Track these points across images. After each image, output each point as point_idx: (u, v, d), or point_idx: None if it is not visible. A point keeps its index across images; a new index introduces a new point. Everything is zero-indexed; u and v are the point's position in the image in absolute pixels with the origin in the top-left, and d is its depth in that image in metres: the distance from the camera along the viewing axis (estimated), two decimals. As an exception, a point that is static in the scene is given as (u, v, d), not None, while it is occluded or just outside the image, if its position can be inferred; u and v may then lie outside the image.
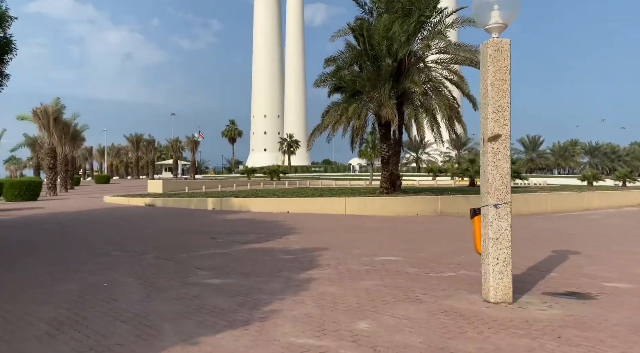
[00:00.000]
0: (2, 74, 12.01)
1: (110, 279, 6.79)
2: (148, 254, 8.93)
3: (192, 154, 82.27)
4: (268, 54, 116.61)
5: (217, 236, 11.50)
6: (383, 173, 20.63)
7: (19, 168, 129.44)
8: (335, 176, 67.76)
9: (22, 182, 27.95)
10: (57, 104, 36.12)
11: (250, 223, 14.67)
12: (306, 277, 6.81)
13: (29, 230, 13.02)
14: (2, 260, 8.43)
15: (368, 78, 19.13)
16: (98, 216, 17.62)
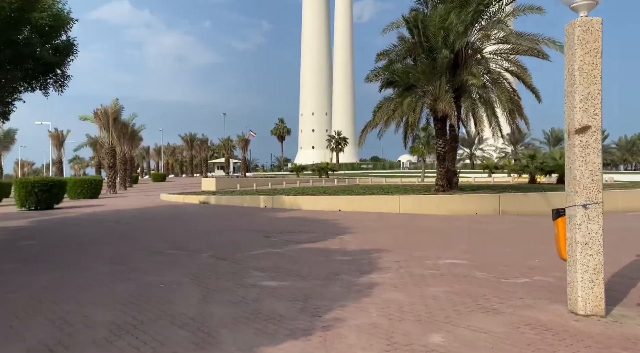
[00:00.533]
0: (64, 74, 12.36)
1: (166, 279, 6.68)
2: (203, 253, 8.83)
3: (243, 152, 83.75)
4: (316, 52, 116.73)
5: (271, 235, 11.31)
6: (439, 170, 19.85)
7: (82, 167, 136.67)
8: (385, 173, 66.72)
9: (85, 181, 29.20)
10: (116, 105, 37.55)
11: (303, 221, 14.43)
12: (367, 282, 6.41)
13: (90, 227, 13.37)
14: (64, 257, 8.57)
15: (422, 71, 18.41)
16: (154, 214, 17.97)
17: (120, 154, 42.54)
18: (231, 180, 44.57)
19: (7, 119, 12.15)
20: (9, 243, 10.41)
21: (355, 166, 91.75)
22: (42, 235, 11.73)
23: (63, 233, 12.12)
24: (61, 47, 11.78)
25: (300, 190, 27.49)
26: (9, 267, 7.68)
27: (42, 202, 20.04)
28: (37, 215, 17.81)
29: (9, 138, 44.85)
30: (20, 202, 20.01)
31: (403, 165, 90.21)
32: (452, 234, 11.69)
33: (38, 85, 12.11)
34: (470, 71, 17.75)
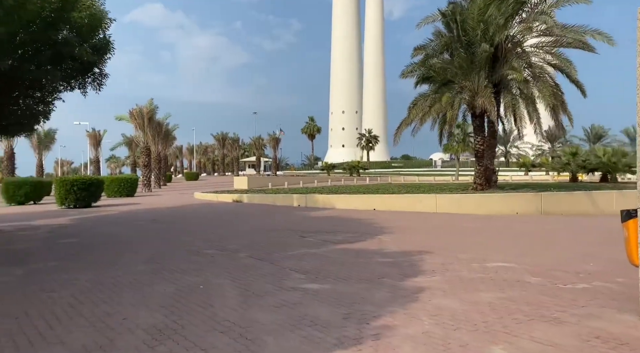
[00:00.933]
0: (102, 73, 12.45)
1: (205, 280, 6.52)
2: (240, 253, 8.67)
3: (274, 151, 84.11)
4: (346, 50, 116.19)
5: (307, 235, 11.08)
6: (477, 168, 19.22)
7: (118, 166, 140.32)
8: (417, 172, 65.80)
9: (121, 179, 29.78)
10: (150, 104, 38.19)
11: (338, 221, 14.16)
12: (413, 286, 6.09)
13: (127, 226, 13.46)
14: (103, 256, 8.57)
15: (460, 66, 17.84)
16: (189, 212, 18.05)
17: (155, 153, 43.28)
18: (263, 179, 44.73)
19: (48, 118, 12.35)
20: (51, 241, 10.54)
21: (386, 164, 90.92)
22: (82, 234, 11.86)
23: (101, 231, 12.22)
24: (99, 46, 11.85)
25: (333, 188, 27.24)
26: (50, 265, 7.70)
27: (80, 200, 20.46)
28: (76, 213, 18.16)
29: (50, 138, 46.25)
30: (60, 200, 20.48)
31: (435, 164, 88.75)
32: (495, 235, 11.19)
33: (77, 84, 12.24)
34: (511, 65, 17.08)
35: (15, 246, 9.85)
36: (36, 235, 11.62)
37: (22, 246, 9.88)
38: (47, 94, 11.97)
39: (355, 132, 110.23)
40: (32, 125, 12.05)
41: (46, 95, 12.06)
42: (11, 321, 4.80)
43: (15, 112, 11.42)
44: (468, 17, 17.32)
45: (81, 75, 12.01)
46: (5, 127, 11.30)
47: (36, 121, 12.06)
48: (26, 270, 7.35)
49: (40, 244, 10.11)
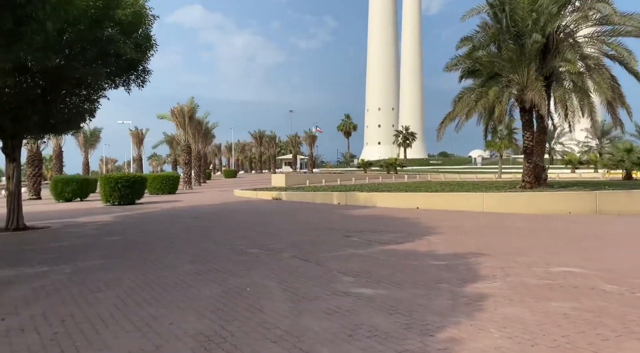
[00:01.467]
0: (145, 70, 12.46)
1: (252, 282, 6.26)
2: (285, 253, 8.40)
3: (310, 149, 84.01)
4: (383, 46, 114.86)
5: (351, 234, 10.72)
6: (526, 165, 18.34)
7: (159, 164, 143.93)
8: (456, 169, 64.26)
9: (163, 177, 30.26)
10: (191, 103, 38.70)
11: (381, 220, 13.72)
12: (474, 292, 5.63)
13: (170, 223, 13.47)
14: (148, 254, 8.48)
15: (509, 58, 17.03)
16: (230, 210, 18.01)
17: (195, 151, 43.90)
18: (300, 176, 44.65)
19: (94, 116, 12.47)
20: (96, 239, 10.60)
21: (423, 162, 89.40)
22: (126, 231, 11.92)
23: (145, 229, 12.25)
24: (142, 44, 11.86)
25: (372, 186, 26.75)
26: (95, 264, 7.65)
27: (124, 198, 20.81)
28: (120, 210, 18.44)
29: (95, 136, 47.69)
30: (105, 198, 20.90)
31: (475, 161, 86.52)
32: (552, 236, 10.50)
33: (121, 82, 12.31)
34: (564, 57, 16.15)
35: (63, 243, 9.94)
36: (82, 232, 11.75)
37: (68, 243, 9.96)
38: (92, 92, 12.09)
39: (391, 129, 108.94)
40: (78, 123, 12.21)
41: (92, 93, 12.18)
42: (58, 324, 4.66)
43: (63, 110, 11.57)
44: (517, 7, 16.48)
45: (125, 72, 12.06)
46: (54, 125, 11.47)
47: (82, 119, 12.20)
48: (73, 268, 7.31)
49: (86, 241, 10.16)
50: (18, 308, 5.22)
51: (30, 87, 10.69)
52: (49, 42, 8.81)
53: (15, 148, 11.67)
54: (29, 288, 6.04)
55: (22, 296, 5.69)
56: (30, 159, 27.43)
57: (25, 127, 10.80)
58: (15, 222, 11.81)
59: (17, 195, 11.81)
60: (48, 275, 6.79)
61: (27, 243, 9.90)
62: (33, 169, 27.51)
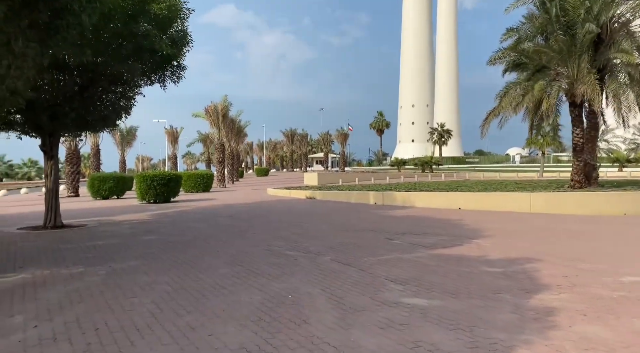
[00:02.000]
0: (180, 66, 12.26)
1: (293, 288, 5.85)
2: (325, 256, 7.96)
3: (342, 147, 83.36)
4: (417, 41, 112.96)
5: (392, 236, 10.19)
6: (575, 163, 17.32)
7: (193, 162, 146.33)
8: (494, 168, 62.40)
9: (197, 175, 30.36)
10: (225, 101, 38.81)
11: (422, 221, 13.11)
12: (540, 305, 5.04)
13: (205, 222, 13.26)
14: (184, 255, 8.20)
15: (559, 50, 16.07)
16: (265, 209, 17.73)
17: (228, 149, 44.07)
18: (332, 175, 44.21)
19: (129, 114, 12.36)
20: (132, 237, 10.45)
21: (459, 160, 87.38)
22: (161, 230, 11.75)
23: (181, 228, 12.06)
24: (177, 39, 11.65)
25: (409, 185, 26.04)
26: (130, 265, 7.41)
27: (160, 196, 20.85)
28: (156, 208, 18.44)
29: (131, 135, 48.50)
30: (140, 195, 21.00)
31: (513, 159, 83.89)
32: (612, 240, 9.70)
33: (156, 78, 12.14)
34: (620, 47, 15.12)
35: (98, 242, 9.81)
36: (118, 231, 11.64)
37: (104, 242, 9.82)
38: (128, 88, 11.96)
39: (425, 126, 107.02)
40: (114, 120, 12.12)
41: (127, 90, 12.05)
42: (91, 333, 4.36)
43: (99, 107, 11.48)
44: (569, -6, 15.51)
45: (160, 68, 11.89)
46: (90, 122, 11.39)
47: (118, 116, 12.10)
48: (108, 269, 7.09)
49: (121, 241, 10.01)
50: (51, 313, 4.97)
51: (67, 83, 10.63)
52: (85, 36, 8.64)
53: (53, 145, 11.67)
54: (63, 291, 5.81)
55: (56, 299, 5.46)
56: (68, 157, 27.96)
57: (63, 124, 10.75)
58: (53, 220, 11.81)
59: (54, 193, 11.81)
60: (83, 277, 6.57)
61: (64, 242, 9.82)
62: (71, 167, 28.04)
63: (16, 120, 11.14)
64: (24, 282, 6.28)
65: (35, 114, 10.34)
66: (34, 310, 5.05)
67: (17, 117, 11.21)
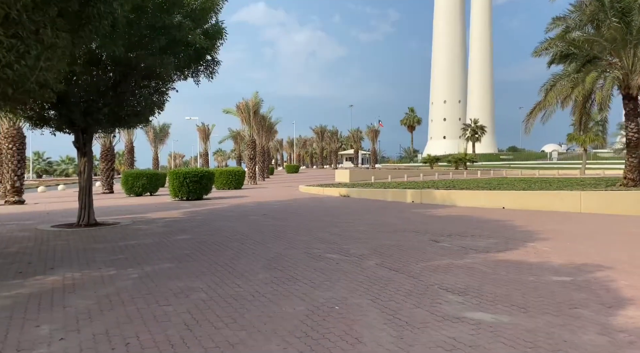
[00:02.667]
0: (214, 60, 11.87)
1: (339, 298, 5.30)
2: (369, 260, 7.38)
3: (373, 143, 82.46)
4: (449, 37, 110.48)
5: (438, 238, 9.52)
6: (629, 160, 16.17)
7: (224, 159, 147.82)
8: (531, 165, 60.34)
9: (229, 172, 30.16)
10: (256, 98, 38.58)
11: (468, 221, 12.36)
12: (630, 324, 4.34)
13: (239, 221, 12.87)
14: (219, 257, 7.77)
15: (612, 38, 14.95)
16: (299, 207, 17.25)
17: (259, 146, 43.91)
18: (364, 172, 43.49)
19: (162, 109, 12.06)
20: (165, 237, 10.12)
21: (493, 157, 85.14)
22: (195, 229, 11.40)
23: (215, 227, 11.69)
24: (210, 32, 11.25)
25: (446, 183, 25.14)
26: (164, 268, 7.01)
27: (192, 193, 20.67)
28: (189, 205, 18.23)
29: (164, 132, 49.04)
30: (173, 192, 20.87)
31: (550, 156, 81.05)
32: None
33: (190, 72, 11.79)
34: (683, 34, 13.89)
35: (131, 242, 9.50)
36: (151, 229, 11.36)
37: (136, 242, 9.51)
38: (161, 84, 11.65)
39: (457, 122, 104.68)
40: (147, 116, 11.82)
41: (160, 85, 11.74)
42: (121, 347, 3.92)
43: (132, 103, 11.20)
44: (624, -22, 14.39)
45: (194, 63, 11.51)
46: (123, 118, 11.12)
47: (151, 112, 11.79)
48: (140, 272, 6.70)
49: (155, 240, 9.68)
50: (79, 322, 4.57)
51: (100, 78, 10.36)
52: (117, 28, 8.30)
53: (87, 142, 11.46)
54: (94, 297, 5.43)
55: (85, 307, 5.07)
56: (103, 154, 28.24)
57: (96, 120, 10.49)
58: (87, 218, 11.62)
59: (88, 190, 11.63)
60: (114, 281, 6.19)
61: (96, 241, 9.56)
62: (106, 164, 28.31)
63: (50, 116, 10.97)
64: (53, 286, 5.95)
65: (68, 109, 10.11)
66: (62, 320, 4.66)
67: (51, 112, 11.05)
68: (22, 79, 5.80)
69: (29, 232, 10.86)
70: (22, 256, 7.96)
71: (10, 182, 19.49)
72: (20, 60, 5.56)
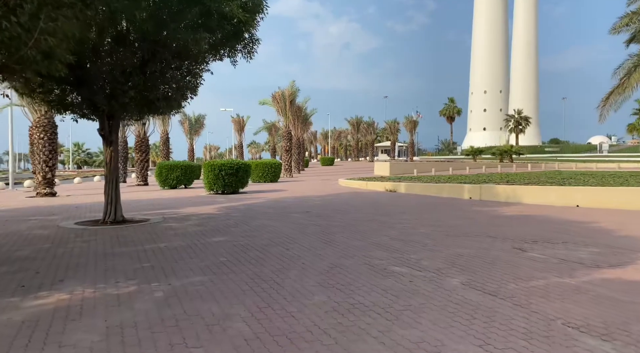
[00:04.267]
0: (252, 38, 10.48)
1: (432, 341, 3.79)
2: (450, 276, 5.82)
3: (411, 135, 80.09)
4: (490, 25, 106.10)
5: (522, 245, 7.84)
6: None
7: (258, 151, 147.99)
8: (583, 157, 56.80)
9: (265, 164, 28.91)
10: (292, 87, 37.25)
11: (545, 223, 10.57)
12: None
13: (280, 220, 11.50)
14: (262, 268, 6.38)
15: None
16: (343, 203, 15.76)
17: (295, 138, 42.64)
18: (405, 165, 41.60)
19: (196, 93, 10.76)
20: (198, 238, 8.84)
21: (537, 149, 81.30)
22: (232, 229, 10.10)
23: (253, 226, 10.36)
24: (249, 5, 9.82)
25: (502, 176, 23.15)
26: (195, 282, 5.66)
27: (228, 186, 19.50)
28: (224, 200, 17.04)
29: (199, 123, 48.41)
30: (208, 185, 19.76)
31: (600, 148, 76.56)
32: None
33: (226, 52, 10.43)
34: None
35: (160, 244, 8.25)
36: (182, 229, 10.12)
37: (166, 244, 8.26)
38: (194, 64, 10.33)
39: (499, 113, 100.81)
40: (179, 101, 10.52)
41: (194, 66, 10.43)
42: None
43: (162, 85, 9.92)
44: None
45: (231, 40, 10.13)
46: (152, 102, 9.85)
47: (183, 96, 10.49)
48: (167, 288, 5.38)
49: (186, 243, 8.40)
50: (76, 375, 3.23)
51: (126, 56, 9.12)
52: None
53: (112, 130, 10.30)
54: (102, 329, 4.11)
55: (88, 346, 3.74)
56: (137, 144, 27.50)
57: (122, 104, 9.26)
58: (113, 214, 10.49)
59: (114, 184, 10.49)
60: (133, 302, 4.87)
61: (120, 243, 8.36)
62: (140, 155, 27.57)
63: (73, 100, 9.84)
64: (56, 309, 4.67)
65: (90, 91, 8.93)
66: (52, 370, 3.34)
67: (73, 96, 9.92)
68: (15, 42, 4.48)
69: (50, 230, 9.79)
70: (32, 262, 6.79)
71: (42, 173, 18.80)
72: (10, 15, 4.25)
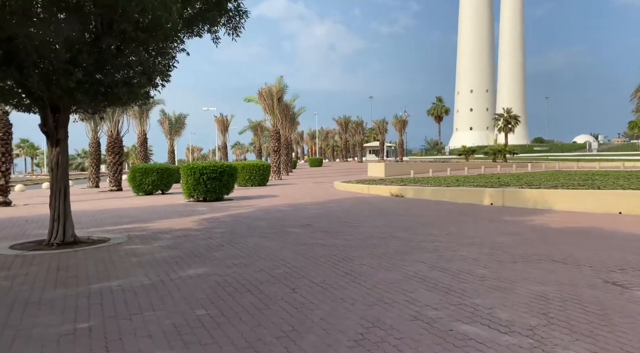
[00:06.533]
0: (238, 10, 8.27)
1: None
2: (561, 348, 3.70)
3: (400, 135, 78.20)
4: (476, 24, 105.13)
5: (610, 276, 5.77)
6: None
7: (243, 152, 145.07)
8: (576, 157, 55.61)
9: (253, 166, 26.41)
10: (280, 83, 34.98)
11: (608, 239, 8.53)
12: None
13: (278, 237, 9.27)
14: (265, 332, 4.19)
15: None
16: (347, 212, 13.54)
17: (283, 137, 40.39)
18: (399, 166, 39.67)
19: (167, 80, 8.49)
20: (169, 270, 6.58)
21: (527, 148, 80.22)
22: (215, 253, 7.85)
23: (243, 248, 8.13)
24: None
25: (511, 178, 21.22)
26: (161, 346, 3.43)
27: (210, 192, 17.17)
28: (206, 209, 14.74)
29: (180, 123, 45.80)
30: (188, 192, 17.42)
31: (589, 147, 75.75)
32: None
33: (205, 27, 8.20)
34: None
35: (113, 283, 5.97)
36: (150, 253, 7.85)
37: (122, 281, 5.99)
38: (164, 41, 8.04)
39: (485, 113, 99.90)
40: (144, 87, 8.21)
41: (163, 45, 8.15)
42: None
43: (122, 67, 7.62)
44: None
45: (212, 10, 7.90)
46: (110, 88, 7.53)
47: (149, 81, 8.18)
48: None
49: (151, 280, 6.14)
50: None
51: (70, 26, 6.83)
52: None
53: (59, 125, 7.99)
54: None
55: None
56: (110, 146, 24.97)
57: (66, 90, 6.97)
58: (61, 234, 8.15)
59: (62, 195, 8.18)
60: None
61: (58, 282, 6.06)
62: (113, 157, 25.02)
63: (3, 86, 7.50)
64: None
65: (20, 71, 6.64)
66: None
67: (8, 83, 7.58)
68: None
69: (-26, 258, 7.45)
70: None
71: (-6, 179, 16.26)
72: None
